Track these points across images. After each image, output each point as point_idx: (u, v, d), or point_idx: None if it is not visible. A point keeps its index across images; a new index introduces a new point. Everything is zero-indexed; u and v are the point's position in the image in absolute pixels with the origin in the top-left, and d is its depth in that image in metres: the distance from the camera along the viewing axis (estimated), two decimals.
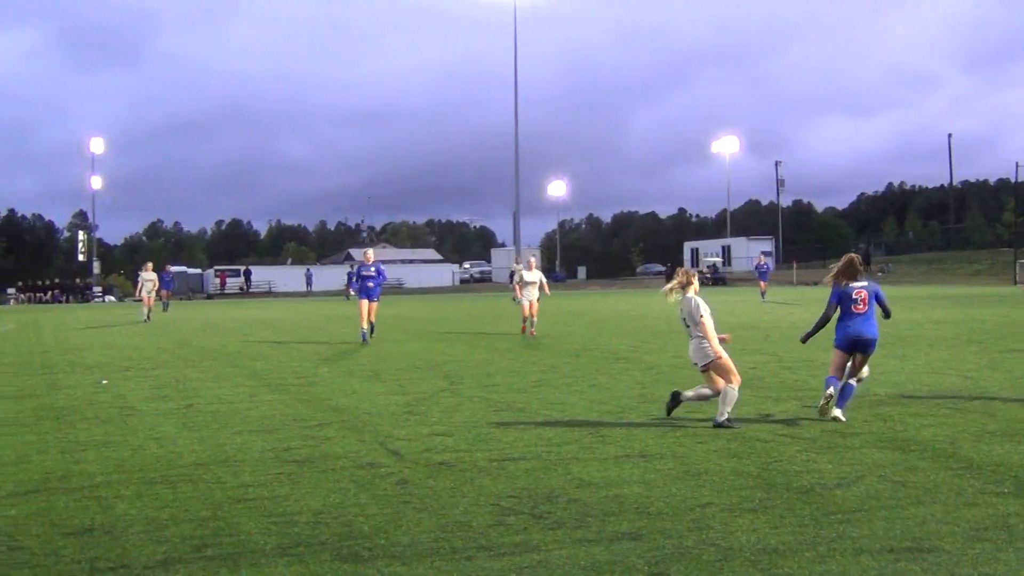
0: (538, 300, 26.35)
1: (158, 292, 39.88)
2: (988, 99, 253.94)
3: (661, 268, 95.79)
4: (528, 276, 26.39)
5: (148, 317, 36.40)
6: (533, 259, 28.11)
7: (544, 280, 26.98)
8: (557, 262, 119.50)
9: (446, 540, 6.72)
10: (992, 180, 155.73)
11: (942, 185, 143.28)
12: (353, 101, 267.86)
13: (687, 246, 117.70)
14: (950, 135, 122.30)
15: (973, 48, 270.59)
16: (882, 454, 9.36)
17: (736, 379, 11.17)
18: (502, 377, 16.33)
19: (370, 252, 24.68)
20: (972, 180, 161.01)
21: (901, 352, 13.60)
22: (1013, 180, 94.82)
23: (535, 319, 26.06)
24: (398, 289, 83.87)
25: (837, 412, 11.24)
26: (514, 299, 26.97)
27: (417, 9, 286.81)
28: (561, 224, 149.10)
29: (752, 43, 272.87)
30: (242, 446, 10.36)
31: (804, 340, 12.27)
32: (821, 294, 13.14)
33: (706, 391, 11.37)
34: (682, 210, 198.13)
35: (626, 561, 6.18)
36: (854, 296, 11.53)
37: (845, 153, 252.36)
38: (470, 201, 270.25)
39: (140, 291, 37.69)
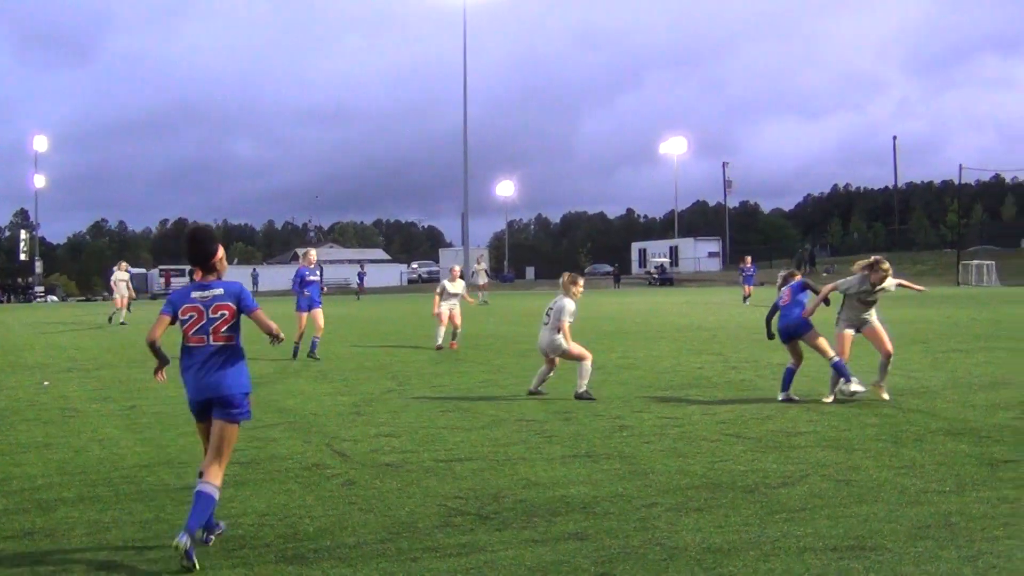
0: (459, 309, 23.35)
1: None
2: (933, 102, 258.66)
3: (609, 268, 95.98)
4: (452, 288, 23.14)
5: (115, 320, 34.98)
6: (457, 268, 25.12)
7: (465, 290, 24.23)
8: (506, 262, 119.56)
9: (392, 541, 6.70)
10: (936, 182, 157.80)
11: (887, 187, 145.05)
12: (307, 101, 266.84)
13: (635, 246, 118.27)
14: (895, 137, 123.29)
15: (918, 52, 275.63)
16: (826, 453, 9.45)
17: (588, 355, 13.55)
18: (449, 378, 16.31)
19: (312, 253, 21.58)
20: (917, 182, 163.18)
21: None
22: (957, 182, 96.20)
23: (458, 330, 23.06)
24: (345, 289, 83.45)
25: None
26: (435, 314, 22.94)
27: (373, 10, 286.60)
28: (510, 224, 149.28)
29: (703, 46, 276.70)
30: (186, 448, 10.25)
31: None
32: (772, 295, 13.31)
33: (544, 368, 13.82)
34: (630, 211, 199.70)
35: (572, 561, 6.19)
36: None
37: (792, 155, 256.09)
38: (419, 201, 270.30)
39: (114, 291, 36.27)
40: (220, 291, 6.72)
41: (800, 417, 11.56)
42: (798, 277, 13.66)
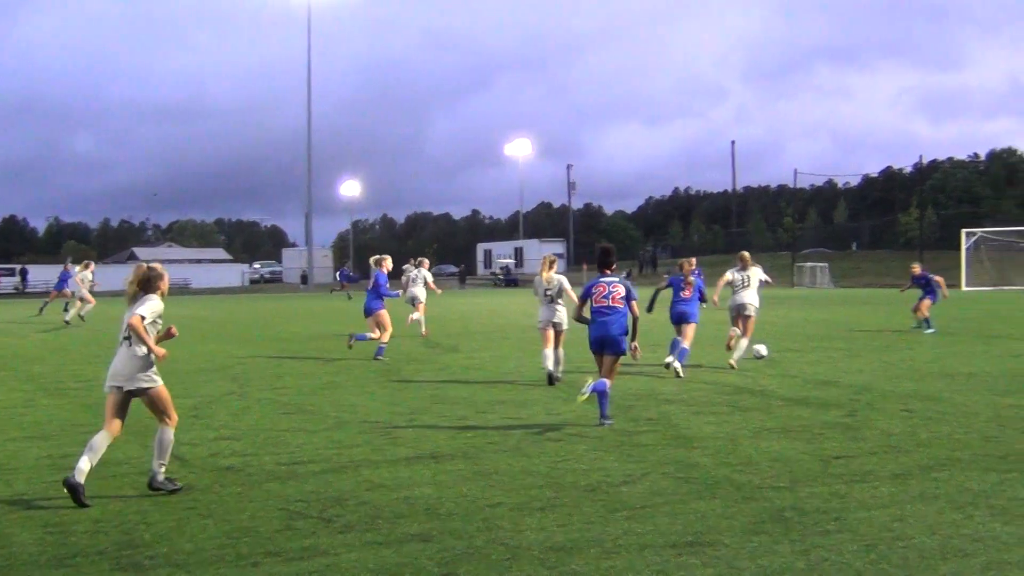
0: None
1: (61, 292, 37.05)
2: (770, 109, 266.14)
3: (455, 269, 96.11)
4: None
5: (82, 314, 33.57)
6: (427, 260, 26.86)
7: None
8: (350, 262, 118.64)
9: (232, 546, 6.57)
10: (773, 186, 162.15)
11: (725, 190, 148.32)
12: (150, 97, 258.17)
13: (480, 247, 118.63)
14: (733, 143, 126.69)
15: (757, 61, 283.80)
16: (666, 451, 9.63)
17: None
18: (292, 379, 16.09)
19: (388, 260, 20.47)
20: (754, 186, 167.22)
21: None
22: (792, 186, 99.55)
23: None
24: (184, 289, 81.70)
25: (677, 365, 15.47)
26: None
27: (221, 7, 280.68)
28: (355, 224, 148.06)
29: (550, 51, 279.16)
30: (16, 453, 9.91)
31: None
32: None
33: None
34: (476, 212, 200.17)
35: (416, 563, 6.17)
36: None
37: (635, 159, 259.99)
38: (263, 200, 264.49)
39: (87, 289, 34.40)
40: (616, 279, 11.48)
41: (641, 416, 11.76)
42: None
